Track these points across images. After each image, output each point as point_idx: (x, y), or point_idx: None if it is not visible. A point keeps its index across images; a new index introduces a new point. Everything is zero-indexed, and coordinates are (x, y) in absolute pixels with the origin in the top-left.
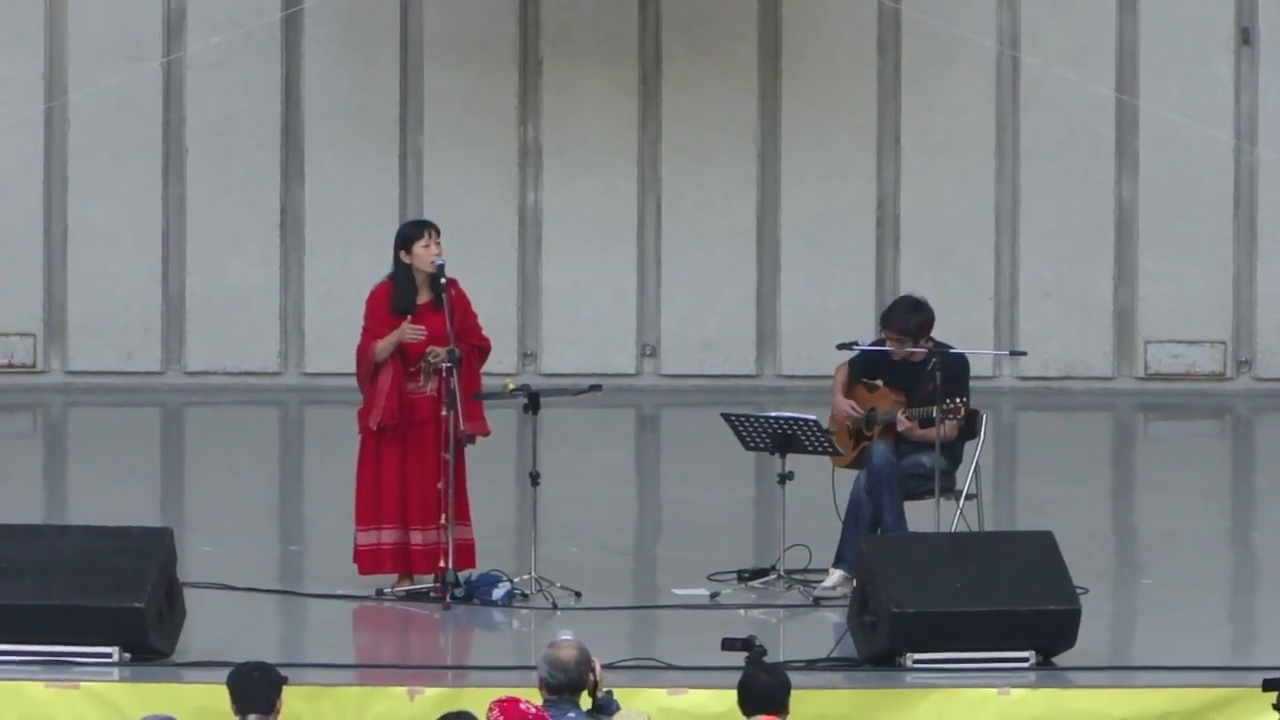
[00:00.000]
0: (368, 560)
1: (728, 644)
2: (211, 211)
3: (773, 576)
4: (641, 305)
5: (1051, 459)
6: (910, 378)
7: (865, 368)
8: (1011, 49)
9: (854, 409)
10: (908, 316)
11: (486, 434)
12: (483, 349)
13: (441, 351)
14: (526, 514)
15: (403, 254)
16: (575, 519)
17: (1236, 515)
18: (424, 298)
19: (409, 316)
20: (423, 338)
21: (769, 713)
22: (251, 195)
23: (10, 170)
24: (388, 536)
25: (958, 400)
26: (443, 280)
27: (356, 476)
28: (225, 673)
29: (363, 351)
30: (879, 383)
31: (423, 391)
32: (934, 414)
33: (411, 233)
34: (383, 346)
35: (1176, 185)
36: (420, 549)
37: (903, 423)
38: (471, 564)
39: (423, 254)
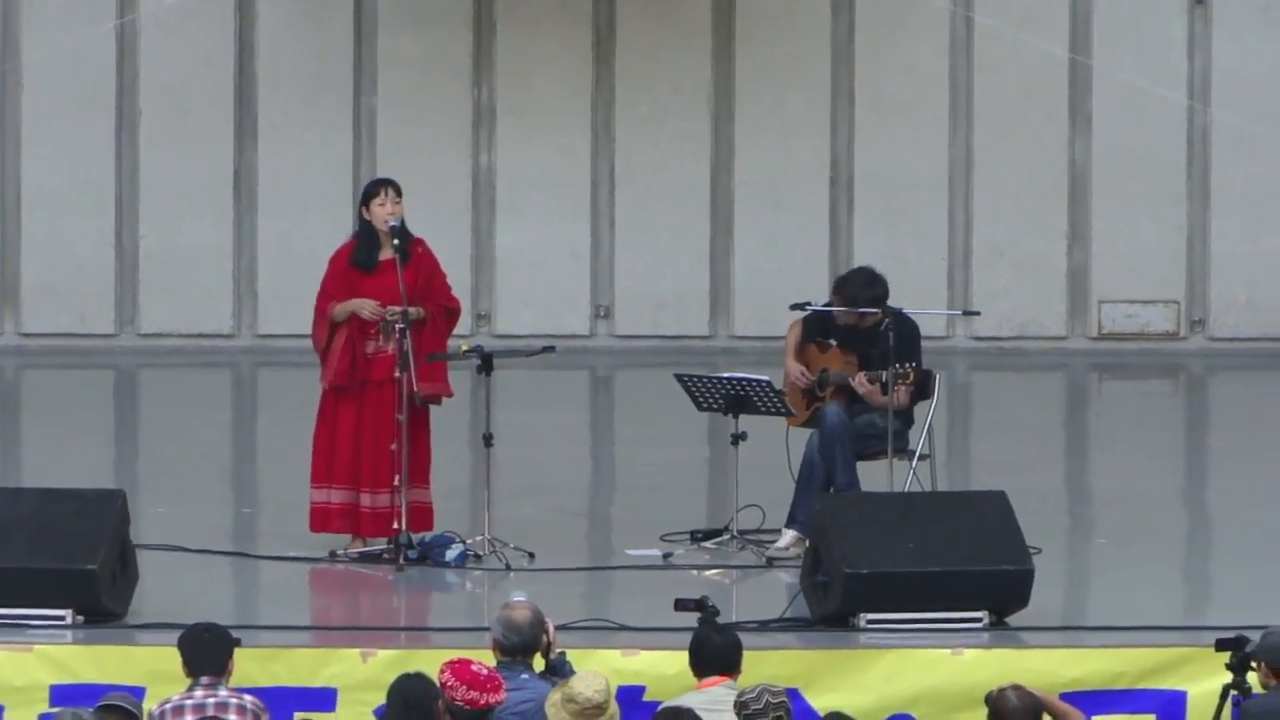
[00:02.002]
0: (317, 518)
1: (681, 605)
2: (165, 173)
3: (726, 537)
4: (595, 266)
5: (1005, 419)
6: (863, 339)
7: (818, 328)
8: (965, 9)
9: (805, 374)
10: (860, 289)
11: (448, 395)
12: (451, 310)
13: (394, 310)
14: (480, 475)
15: (364, 211)
16: (529, 480)
17: (1190, 475)
18: (386, 255)
19: (369, 272)
20: (376, 318)
21: (721, 673)
22: (205, 157)
23: None
24: (337, 496)
25: (908, 365)
26: (396, 241)
27: (314, 434)
28: (177, 635)
29: (318, 311)
30: (832, 343)
31: (383, 351)
32: (892, 376)
33: (371, 190)
34: (339, 310)
35: (1130, 145)
36: (369, 511)
37: (863, 385)
38: (429, 527)
39: (378, 212)
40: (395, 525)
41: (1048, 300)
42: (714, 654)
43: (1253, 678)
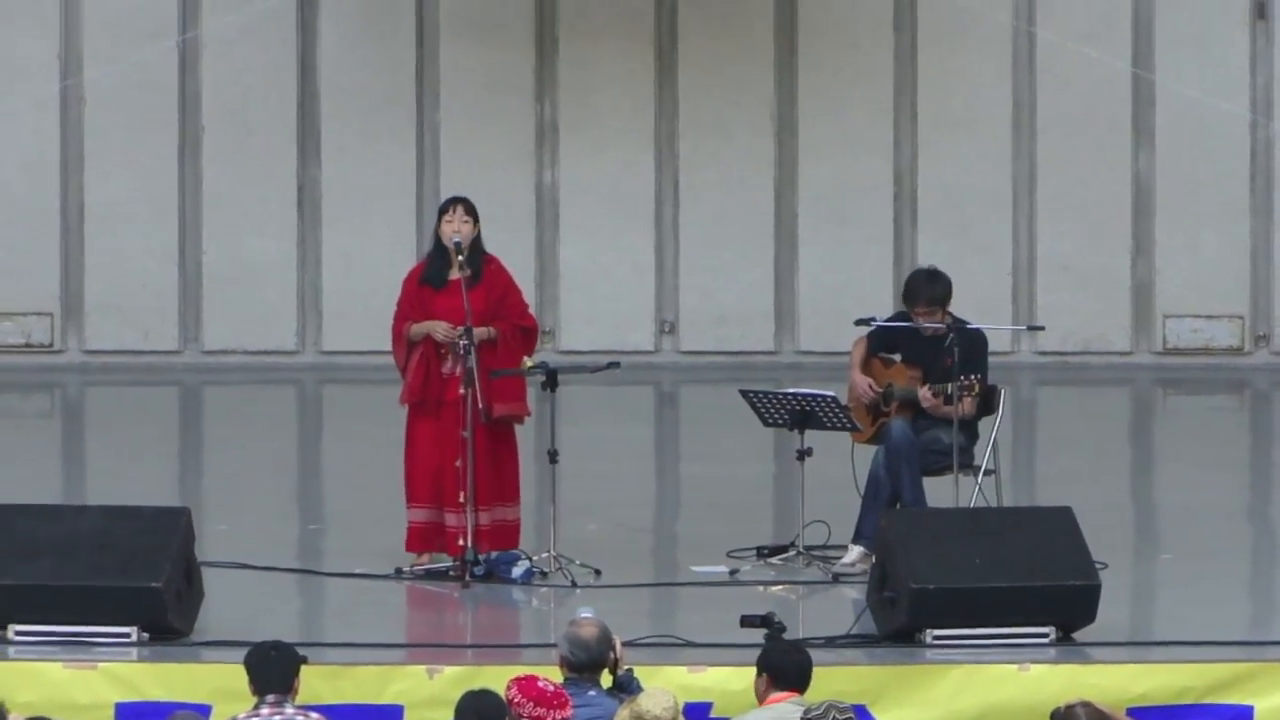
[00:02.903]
0: (410, 537)
1: (747, 621)
2: (228, 189)
3: (792, 553)
4: (660, 282)
5: (1070, 434)
6: (928, 353)
7: (883, 342)
8: (1028, 24)
9: (872, 387)
10: (929, 286)
11: (526, 414)
12: (526, 329)
13: (460, 330)
14: (545, 492)
15: (437, 228)
16: (594, 497)
17: (1255, 489)
18: (456, 273)
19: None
20: (448, 339)
21: (789, 689)
22: (268, 173)
23: (27, 149)
24: (419, 515)
25: (973, 377)
26: (461, 258)
27: (404, 454)
28: (243, 652)
29: (394, 331)
30: (896, 358)
31: (454, 372)
32: (957, 388)
33: (441, 207)
34: (414, 331)
35: (1193, 159)
36: (453, 530)
37: (927, 398)
38: (514, 544)
39: (445, 229)
40: (462, 542)
41: (1112, 315)
42: (783, 670)
43: None
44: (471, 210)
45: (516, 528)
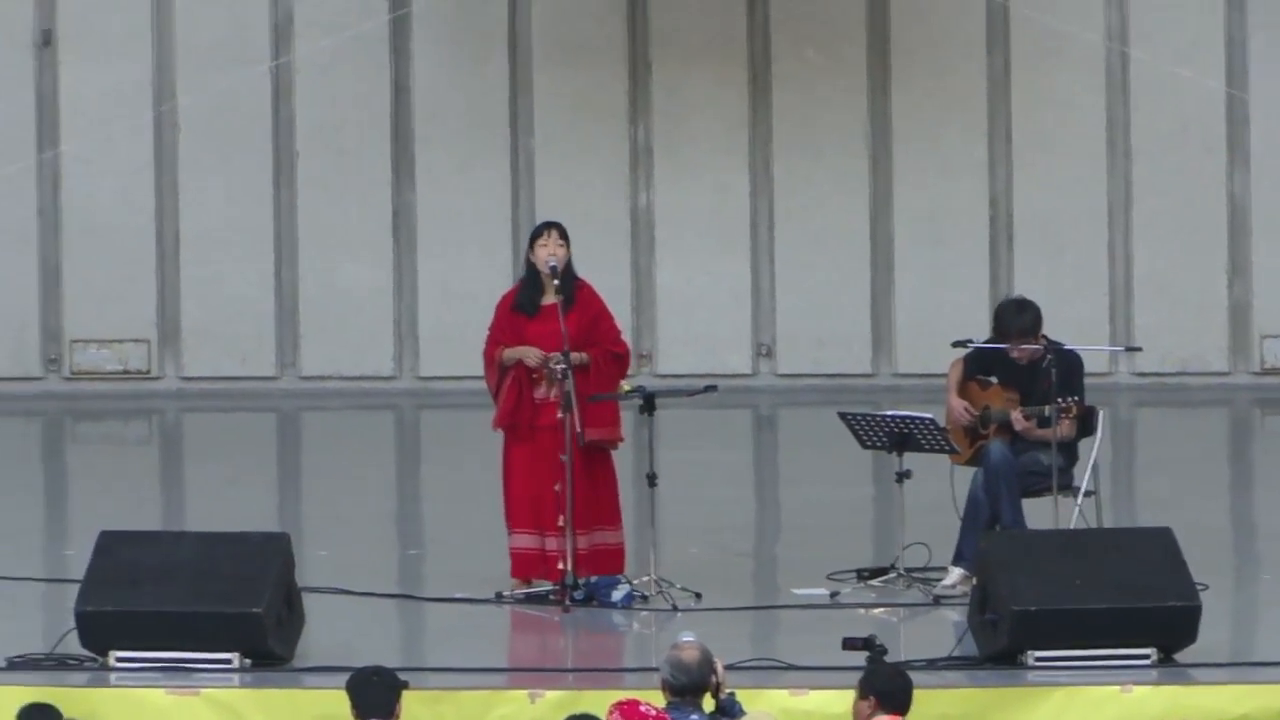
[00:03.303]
0: (514, 563)
1: (848, 643)
2: (323, 215)
3: (892, 575)
4: (756, 305)
5: (1169, 455)
6: (1025, 375)
7: (979, 365)
8: (1120, 44)
9: (968, 410)
10: (1018, 317)
11: (619, 440)
12: (618, 355)
13: (556, 355)
14: (645, 515)
15: (530, 254)
16: (694, 520)
17: None
18: (549, 298)
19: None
20: (540, 365)
21: (891, 712)
22: (363, 198)
23: (122, 176)
24: (521, 541)
25: (1070, 399)
26: (556, 284)
27: (502, 480)
28: (345, 678)
29: (487, 356)
30: (993, 380)
31: (554, 396)
32: (1047, 412)
33: (535, 232)
34: (507, 356)
35: None
36: (554, 555)
37: (1019, 421)
38: (619, 568)
39: (540, 254)
40: (562, 566)
41: (1209, 335)
42: (888, 693)
43: None
44: (565, 235)
45: (619, 551)
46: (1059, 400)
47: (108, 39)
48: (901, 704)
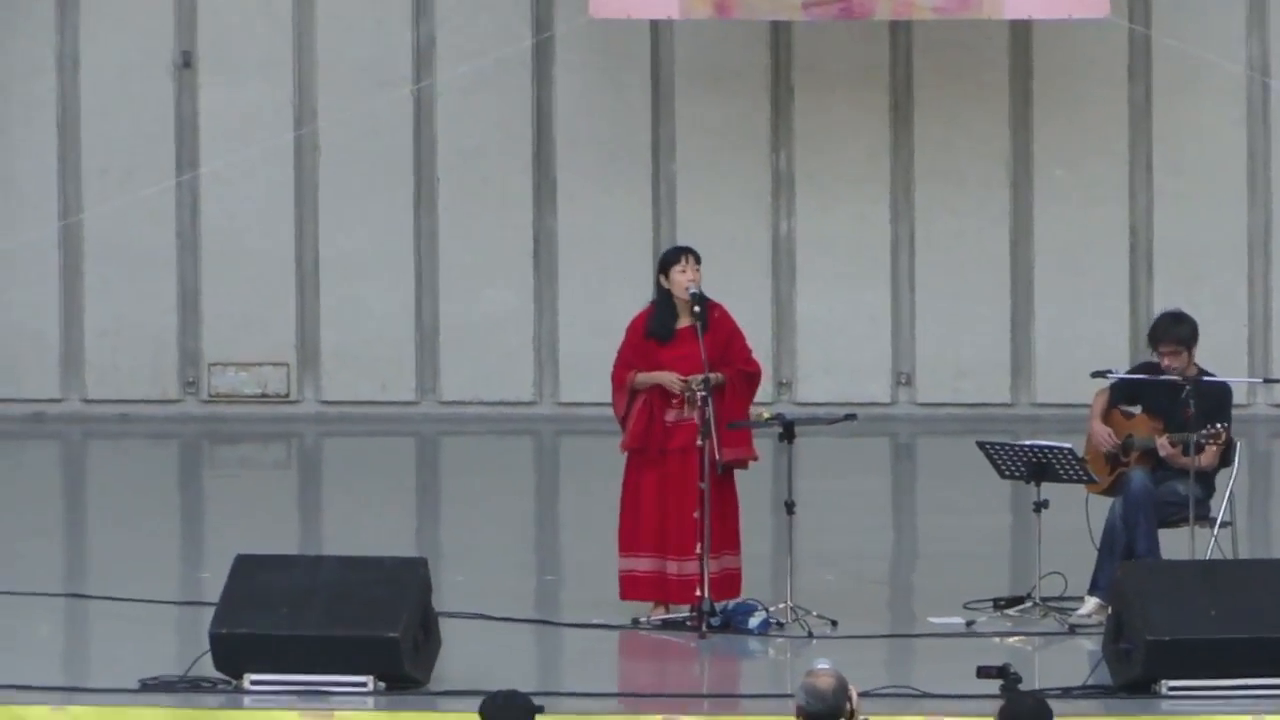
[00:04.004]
0: (626, 586)
1: (983, 672)
2: (464, 239)
3: (1028, 604)
4: (896, 333)
5: None
6: (1170, 404)
7: (1124, 395)
8: (1262, 74)
9: (1111, 436)
10: (1174, 327)
11: (754, 458)
12: (750, 375)
13: (697, 379)
14: (782, 543)
15: (662, 279)
16: (831, 548)
17: None
18: (683, 323)
19: (665, 342)
20: (680, 390)
21: None
22: (504, 223)
23: (262, 199)
24: (644, 564)
25: (1219, 426)
26: (696, 309)
27: (620, 502)
28: (479, 702)
29: (616, 380)
30: (1136, 410)
31: (685, 420)
32: (1193, 439)
33: (670, 258)
34: (640, 380)
35: None
36: (677, 579)
37: (1165, 447)
38: (736, 593)
39: (679, 279)
40: (699, 593)
41: None
42: None
43: None
44: (698, 259)
45: (739, 575)
46: (1207, 426)
47: (248, 61)
48: None
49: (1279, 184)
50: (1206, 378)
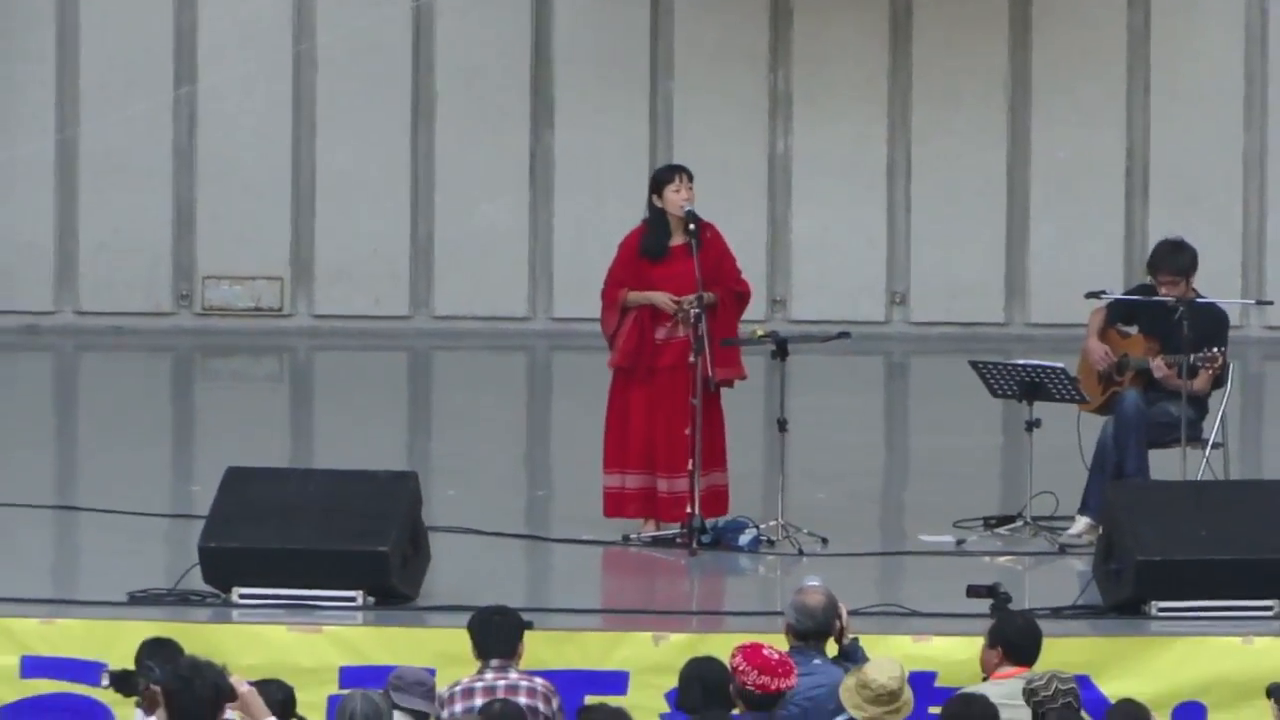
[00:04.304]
0: (611, 503)
1: (973, 591)
2: (460, 156)
3: (1019, 523)
4: (891, 253)
5: None
6: (1167, 326)
7: (1122, 315)
8: None
9: (1108, 354)
10: (1175, 256)
11: (742, 377)
12: (740, 294)
13: (690, 298)
14: (774, 460)
15: (655, 198)
16: (822, 466)
17: None
18: (676, 241)
19: (658, 260)
20: (673, 309)
21: (1021, 664)
22: (501, 140)
23: (258, 114)
24: (632, 481)
25: (1215, 349)
26: (692, 226)
27: (605, 420)
28: (468, 617)
29: (607, 297)
30: (1133, 330)
31: (675, 338)
32: (1188, 361)
33: (663, 177)
34: (633, 298)
35: None
36: (667, 497)
37: (1160, 368)
38: (724, 511)
39: (673, 198)
40: (689, 509)
41: None
42: (1020, 646)
43: None
44: (691, 177)
45: (726, 493)
46: (1203, 350)
47: None
48: (1029, 657)
49: (1276, 107)
50: (1203, 301)
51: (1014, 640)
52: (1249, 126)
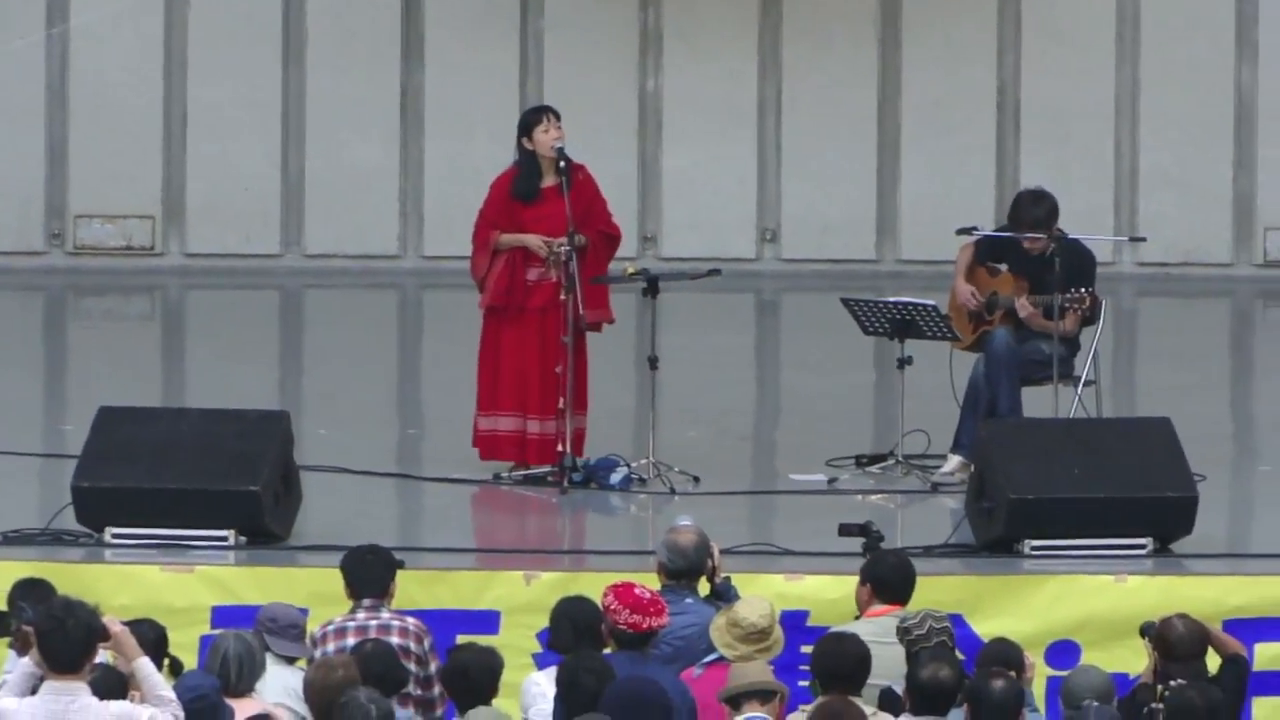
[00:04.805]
0: (485, 446)
1: (845, 530)
2: (331, 94)
3: (891, 462)
4: (761, 190)
5: (1170, 346)
6: (1035, 265)
7: (990, 252)
8: None
9: (975, 295)
10: (1033, 208)
11: (610, 321)
12: (611, 236)
13: (561, 240)
14: (645, 398)
15: (525, 140)
16: (693, 404)
17: None
18: (548, 182)
19: (530, 201)
20: (545, 252)
21: (894, 602)
22: (371, 78)
23: (130, 52)
24: (505, 424)
25: (1083, 290)
26: (562, 164)
27: (478, 362)
28: (340, 556)
29: (476, 237)
30: (1003, 267)
31: (546, 279)
32: (1057, 302)
33: (531, 118)
34: (504, 241)
35: None
36: (536, 438)
37: (1025, 308)
38: (579, 453)
39: (542, 139)
40: (560, 449)
41: (1213, 227)
42: (892, 583)
43: None
44: (559, 117)
45: (584, 435)
46: (1071, 290)
47: None
48: (902, 595)
49: (1147, 44)
50: (1071, 240)
51: (886, 579)
52: (1121, 64)
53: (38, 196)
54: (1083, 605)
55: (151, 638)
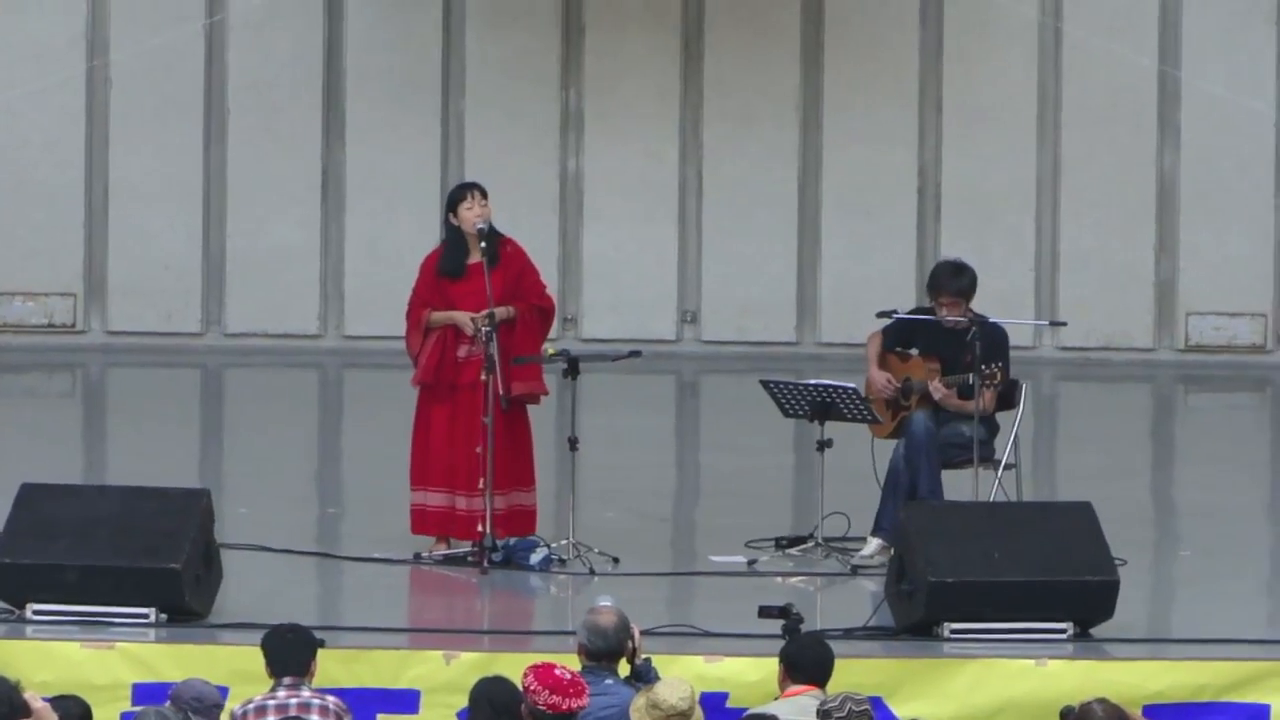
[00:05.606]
0: (416, 520)
1: (765, 611)
2: (253, 172)
3: (811, 544)
4: (682, 272)
5: (1091, 430)
6: (948, 347)
7: (899, 337)
8: (1054, 19)
9: (890, 382)
10: (954, 279)
11: (543, 393)
12: (544, 310)
13: (480, 317)
14: (565, 479)
15: (451, 217)
16: (614, 485)
17: (1276, 488)
18: (474, 259)
19: (457, 279)
20: (470, 331)
21: (811, 682)
22: (293, 156)
23: (52, 129)
24: (434, 499)
25: (994, 365)
26: (484, 245)
27: (411, 437)
28: (261, 635)
29: (410, 316)
30: (913, 352)
31: (476, 355)
32: (971, 381)
33: (456, 195)
34: (436, 319)
35: (1218, 157)
36: (465, 514)
37: (939, 389)
38: (531, 529)
39: (466, 215)
40: (481, 528)
41: (1135, 311)
42: (803, 663)
43: None
44: (484, 194)
45: (533, 513)
46: (983, 367)
47: None
48: (821, 678)
49: (1068, 127)
50: (984, 320)
51: (805, 662)
52: (1042, 147)
53: None
54: (1003, 689)
55: (76, 713)
